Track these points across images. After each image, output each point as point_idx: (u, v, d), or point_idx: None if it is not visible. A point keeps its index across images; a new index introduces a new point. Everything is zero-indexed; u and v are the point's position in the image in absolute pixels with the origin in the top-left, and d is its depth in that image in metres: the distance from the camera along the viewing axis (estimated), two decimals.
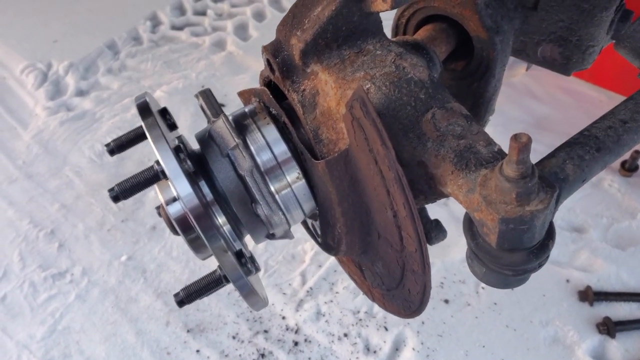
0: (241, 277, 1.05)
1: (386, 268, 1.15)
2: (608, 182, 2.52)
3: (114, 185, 1.06)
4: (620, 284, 2.20)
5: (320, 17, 1.01)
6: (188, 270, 2.41)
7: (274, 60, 1.06)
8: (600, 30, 1.34)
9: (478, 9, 1.25)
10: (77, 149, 2.95)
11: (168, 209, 1.09)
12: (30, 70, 3.39)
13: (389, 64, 1.02)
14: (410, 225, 0.93)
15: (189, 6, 3.79)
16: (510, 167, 0.80)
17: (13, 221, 2.66)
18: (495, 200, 0.84)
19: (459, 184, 0.90)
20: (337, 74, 1.02)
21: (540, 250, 0.90)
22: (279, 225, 1.13)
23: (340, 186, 1.02)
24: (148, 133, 1.03)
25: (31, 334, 2.27)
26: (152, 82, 3.27)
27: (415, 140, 0.95)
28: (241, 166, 1.07)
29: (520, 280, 0.96)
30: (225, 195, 1.10)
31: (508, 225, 0.83)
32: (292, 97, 1.07)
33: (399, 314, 1.23)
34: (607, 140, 1.03)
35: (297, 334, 2.19)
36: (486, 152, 0.92)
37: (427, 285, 1.03)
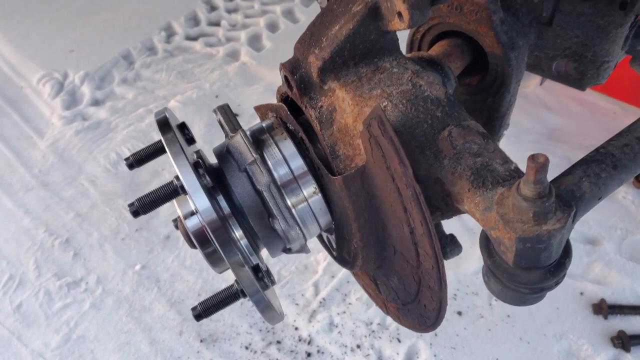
0: (258, 291, 1.06)
1: (402, 283, 1.15)
2: (622, 194, 2.51)
3: (134, 201, 1.08)
4: (635, 297, 2.18)
5: (338, 36, 1.02)
6: (201, 280, 2.42)
7: (292, 77, 1.07)
8: (615, 46, 1.34)
9: (493, 25, 1.26)
10: (92, 158, 2.98)
11: (186, 223, 1.10)
12: (46, 79, 3.44)
13: (405, 82, 1.02)
14: (427, 243, 0.93)
15: (203, 17, 3.83)
16: (528, 187, 0.81)
17: (29, 229, 2.69)
18: (513, 219, 0.84)
19: (476, 202, 0.90)
20: (354, 92, 1.03)
21: (557, 269, 0.90)
22: (295, 240, 1.14)
23: (356, 202, 1.03)
24: (168, 149, 1.04)
25: (46, 343, 2.30)
26: (166, 92, 3.30)
27: (432, 157, 0.96)
28: (259, 181, 1.08)
29: (537, 298, 0.96)
30: (242, 210, 1.11)
31: (525, 244, 0.83)
32: (309, 113, 1.08)
33: (413, 328, 1.23)
34: (623, 158, 1.03)
35: (310, 344, 2.19)
36: (503, 170, 0.92)
37: (444, 302, 1.03)
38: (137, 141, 3.02)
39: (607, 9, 1.29)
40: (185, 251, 2.53)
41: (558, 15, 1.35)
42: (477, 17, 1.26)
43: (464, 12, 1.27)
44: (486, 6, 1.23)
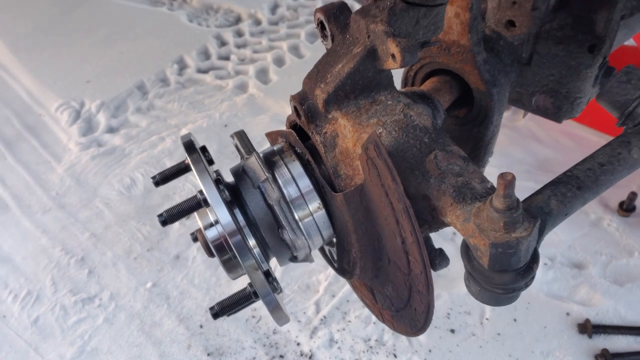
0: (269, 293, 1.22)
1: (395, 290, 1.30)
2: (607, 222, 2.66)
3: (163, 212, 1.24)
4: (618, 318, 2.31)
5: (341, 73, 1.19)
6: (209, 298, 2.56)
7: (301, 107, 1.24)
8: (586, 84, 1.52)
9: (477, 64, 1.43)
10: (107, 182, 3.15)
11: (206, 234, 1.27)
12: (64, 108, 3.63)
13: (398, 112, 1.19)
14: (416, 251, 1.09)
15: (214, 51, 4.03)
16: (499, 200, 0.96)
17: (46, 248, 2.84)
18: (487, 228, 0.99)
19: (457, 214, 1.06)
20: (354, 120, 1.20)
21: (526, 272, 1.05)
22: (301, 248, 1.30)
23: (355, 216, 1.19)
24: (194, 167, 1.21)
25: (61, 354, 2.43)
26: (178, 120, 3.48)
27: (420, 177, 1.12)
28: (270, 196, 1.24)
29: (510, 298, 1.11)
30: (255, 222, 1.27)
31: (497, 249, 0.99)
32: (315, 138, 1.24)
33: (406, 332, 1.37)
34: (587, 180, 1.19)
35: (311, 359, 2.32)
36: (480, 188, 1.08)
37: (431, 304, 1.18)
38: (149, 166, 3.19)
39: (577, 51, 1.47)
40: (194, 270, 2.67)
41: (536, 57, 1.53)
42: (463, 58, 1.44)
43: (451, 52, 1.45)
44: (471, 48, 1.41)
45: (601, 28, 1.44)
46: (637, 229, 2.62)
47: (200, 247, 2.69)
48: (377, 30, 1.13)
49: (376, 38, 1.14)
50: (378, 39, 1.14)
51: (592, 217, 2.69)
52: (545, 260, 2.51)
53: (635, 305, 2.35)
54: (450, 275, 2.51)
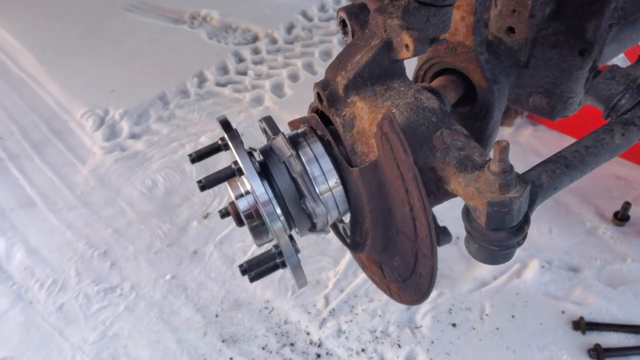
0: (293, 253, 1.37)
1: (402, 260, 1.44)
2: (602, 230, 2.81)
3: (202, 178, 1.41)
4: (610, 317, 2.45)
5: (360, 62, 1.36)
6: (224, 290, 2.71)
7: (324, 92, 1.40)
8: (577, 85, 1.70)
9: (480, 63, 1.61)
10: (129, 183, 3.32)
11: (237, 203, 1.43)
12: (89, 115, 3.83)
13: (409, 96, 1.36)
14: (422, 215, 1.23)
15: (232, 67, 4.24)
16: (495, 165, 1.13)
17: (71, 242, 3.01)
18: (485, 190, 1.16)
19: (459, 181, 1.22)
20: (370, 103, 1.36)
21: (519, 231, 1.21)
22: (320, 216, 1.43)
23: (369, 189, 1.34)
24: (230, 140, 1.37)
25: (84, 338, 2.58)
26: (197, 129, 3.68)
27: (428, 151, 1.28)
28: (294, 170, 1.39)
29: (505, 255, 1.26)
30: (281, 193, 1.42)
31: (493, 207, 1.14)
32: (335, 120, 1.41)
33: (411, 301, 1.50)
34: (574, 160, 1.36)
35: (320, 347, 2.46)
36: (480, 160, 1.25)
37: (434, 267, 1.31)
38: (170, 170, 3.37)
39: (569, 55, 1.66)
40: (210, 265, 2.83)
41: (532, 60, 1.71)
42: (467, 57, 1.62)
43: (457, 53, 1.63)
44: (474, 48, 1.59)
45: (591, 34, 1.62)
46: (630, 237, 2.77)
47: (217, 244, 2.86)
48: (393, 25, 1.30)
49: (392, 31, 1.32)
50: (394, 32, 1.31)
51: (589, 225, 2.84)
52: (543, 263, 2.65)
53: (626, 305, 2.49)
54: (452, 275, 2.67)
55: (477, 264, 2.68)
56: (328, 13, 4.75)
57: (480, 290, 2.59)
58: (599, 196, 2.98)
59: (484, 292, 2.58)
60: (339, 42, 4.37)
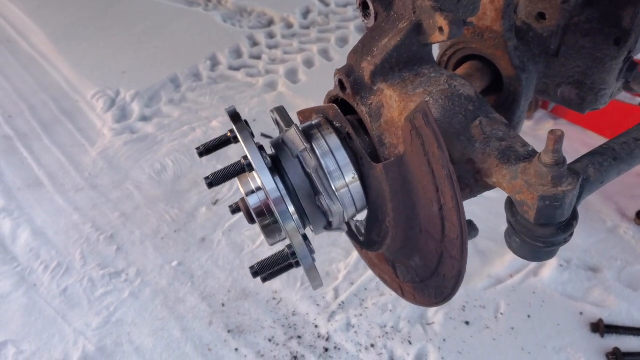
0: (307, 254, 1.26)
1: (423, 260, 1.34)
2: (624, 230, 2.71)
3: (209, 175, 1.30)
4: (631, 320, 2.36)
5: (387, 46, 1.26)
6: (232, 279, 2.65)
7: (347, 79, 1.29)
8: (610, 77, 1.60)
9: (508, 50, 1.52)
10: (138, 166, 3.26)
11: (248, 200, 1.32)
12: (100, 96, 3.77)
13: (442, 83, 1.25)
14: (455, 215, 1.13)
15: (246, 51, 4.16)
16: (548, 156, 1.03)
17: (77, 224, 2.96)
18: (535, 183, 1.06)
19: (503, 174, 1.12)
20: (400, 91, 1.25)
21: (567, 227, 1.12)
22: (336, 214, 1.32)
23: (393, 185, 1.23)
24: (239, 134, 1.26)
25: (87, 323, 2.52)
26: (209, 113, 3.60)
27: (466, 142, 1.18)
28: (309, 165, 1.28)
29: (549, 252, 1.17)
30: (294, 189, 1.32)
31: (545, 202, 1.05)
32: (360, 109, 1.30)
33: (429, 303, 1.40)
34: (622, 152, 1.27)
35: (328, 341, 2.39)
36: (523, 150, 1.15)
37: (463, 269, 1.20)
38: (180, 154, 3.30)
39: (603, 44, 1.55)
40: (218, 252, 2.76)
41: (563, 48, 1.61)
42: (495, 43, 1.53)
43: (484, 38, 1.54)
44: (503, 34, 1.50)
45: (627, 22, 1.51)
46: None
47: (226, 232, 2.79)
48: (425, 6, 1.21)
49: (422, 13, 1.22)
50: (424, 14, 1.21)
51: (609, 224, 2.75)
52: (561, 262, 2.56)
53: None
54: (467, 271, 2.55)
55: (492, 260, 2.60)
56: None
57: (496, 287, 2.51)
58: (620, 194, 2.88)
59: (499, 290, 2.49)
60: (356, 28, 4.27)
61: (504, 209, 1.19)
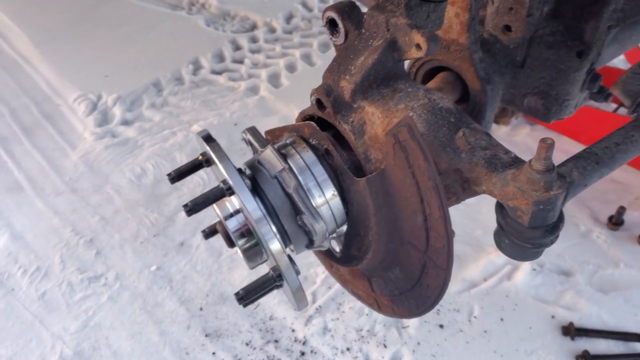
0: (294, 276, 1.24)
1: (404, 272, 1.35)
2: (596, 234, 2.76)
3: (188, 202, 1.25)
4: (601, 323, 2.41)
5: (365, 65, 1.27)
6: (210, 283, 2.67)
7: (327, 98, 1.30)
8: (574, 87, 1.65)
9: (473, 62, 1.56)
10: (118, 170, 3.27)
11: (227, 224, 1.30)
12: (82, 99, 3.77)
13: (421, 97, 1.28)
14: (441, 225, 1.15)
15: (228, 55, 4.18)
16: (539, 163, 1.09)
17: (57, 228, 2.97)
18: (528, 189, 1.12)
19: (493, 182, 1.17)
20: (382, 107, 1.27)
21: (554, 229, 1.19)
22: (319, 233, 1.31)
23: (376, 199, 1.25)
24: (216, 156, 1.24)
25: (65, 327, 2.54)
26: (190, 117, 3.62)
27: (452, 153, 1.22)
28: (288, 185, 1.28)
29: (536, 253, 1.24)
30: (274, 210, 1.30)
31: (539, 206, 1.11)
32: (343, 127, 1.31)
33: (409, 314, 1.42)
34: (604, 157, 1.33)
35: (305, 345, 2.42)
36: (506, 158, 1.20)
37: (448, 278, 1.23)
38: (160, 158, 3.32)
39: (567, 56, 1.60)
40: (197, 257, 2.78)
41: (529, 60, 1.66)
42: (461, 56, 1.56)
43: (450, 50, 1.58)
44: (468, 46, 1.54)
45: (589, 36, 1.56)
46: (624, 241, 2.73)
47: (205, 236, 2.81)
48: (399, 23, 1.23)
49: (397, 30, 1.24)
50: (399, 31, 1.23)
51: (582, 229, 2.80)
52: (534, 266, 2.61)
53: (617, 312, 2.45)
54: None
55: (467, 264, 2.64)
56: (328, 4, 4.67)
57: (470, 291, 2.55)
58: (594, 199, 2.93)
59: (473, 294, 2.54)
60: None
61: (495, 211, 1.24)
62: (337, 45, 1.38)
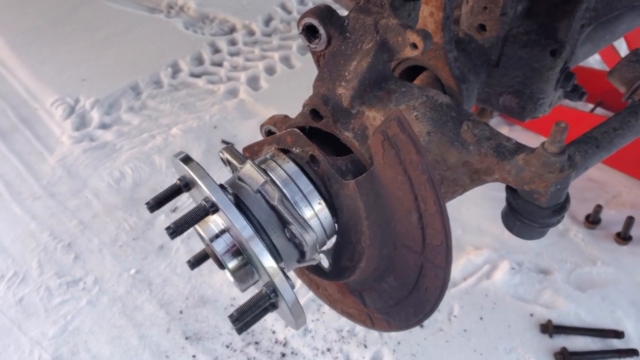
0: (290, 290, 1.19)
1: (398, 279, 1.30)
2: (574, 233, 2.80)
3: (171, 224, 1.19)
4: (578, 320, 2.44)
5: (359, 69, 1.25)
6: (190, 286, 2.65)
7: (326, 107, 1.27)
8: (548, 86, 1.67)
9: (448, 61, 1.57)
10: (97, 174, 3.25)
11: (213, 246, 1.23)
12: (59, 103, 3.74)
13: (418, 95, 1.27)
14: (438, 220, 1.12)
15: (207, 58, 4.17)
16: (554, 145, 1.11)
17: (34, 233, 2.93)
18: (544, 172, 1.13)
19: (507, 169, 1.17)
20: (383, 110, 1.26)
21: (562, 209, 1.23)
22: (310, 242, 1.27)
23: (367, 201, 1.22)
24: (196, 175, 1.19)
25: (44, 332, 2.50)
26: (169, 120, 3.60)
27: (460, 146, 1.22)
28: (272, 197, 1.23)
29: (542, 232, 1.28)
30: (261, 225, 1.25)
31: (557, 187, 1.14)
32: (345, 135, 1.28)
33: (407, 324, 1.35)
34: (603, 141, 1.38)
35: (285, 346, 2.42)
36: (510, 145, 1.21)
37: (447, 277, 1.19)
38: (139, 162, 3.29)
39: (540, 54, 1.62)
40: (177, 260, 2.77)
41: (503, 59, 1.67)
42: (436, 54, 1.57)
43: None
44: (443, 46, 1.55)
45: (562, 34, 1.58)
46: (601, 240, 2.76)
47: (184, 239, 2.80)
48: (390, 24, 1.22)
49: (388, 32, 1.23)
50: (391, 32, 1.22)
51: (560, 227, 2.83)
52: (513, 265, 2.64)
53: (594, 309, 2.48)
54: None
55: None
56: (308, 6, 4.69)
57: (449, 291, 2.56)
58: (571, 197, 2.96)
59: (452, 293, 2.55)
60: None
61: (505, 191, 1.28)
62: (317, 51, 1.35)
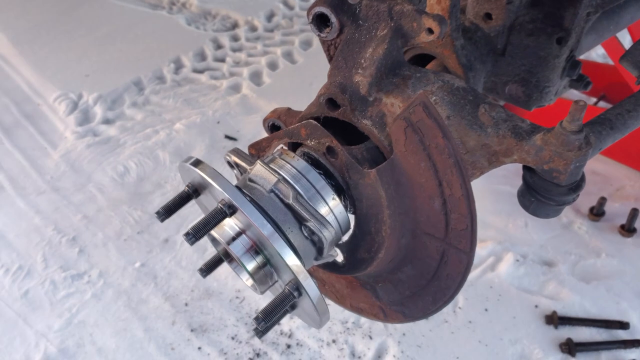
0: (314, 287, 1.18)
1: (417, 268, 1.30)
2: (578, 225, 2.80)
3: (189, 230, 1.18)
4: (583, 311, 2.44)
5: (375, 56, 1.24)
6: (195, 279, 2.66)
7: (344, 96, 1.26)
8: (554, 74, 1.67)
9: (455, 49, 1.57)
10: (100, 169, 3.25)
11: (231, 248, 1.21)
12: (62, 99, 3.74)
13: (434, 80, 1.27)
14: (464, 204, 1.14)
15: (210, 53, 4.17)
16: (573, 124, 1.12)
17: (39, 227, 2.93)
18: (564, 150, 1.14)
19: (526, 149, 1.18)
20: (401, 96, 1.25)
21: (577, 187, 1.23)
22: (328, 238, 1.25)
23: (388, 190, 1.21)
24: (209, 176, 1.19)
25: (49, 325, 2.51)
26: (172, 116, 3.61)
27: (479, 129, 1.22)
28: (286, 196, 1.22)
29: (557, 210, 1.28)
30: (278, 225, 1.23)
31: (576, 164, 1.15)
32: (363, 123, 1.27)
33: (423, 314, 1.36)
34: (617, 122, 1.40)
35: (290, 338, 2.42)
36: (525, 125, 1.21)
37: (470, 261, 1.20)
38: (143, 157, 3.30)
39: (546, 43, 1.62)
40: (182, 253, 2.77)
41: (509, 47, 1.68)
42: (443, 43, 1.57)
43: None
44: (450, 34, 1.55)
45: (568, 22, 1.58)
46: (605, 232, 2.77)
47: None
48: (406, 10, 1.21)
49: (403, 17, 1.22)
50: (406, 18, 1.21)
51: (564, 220, 2.83)
52: (518, 257, 2.64)
53: (599, 300, 2.48)
54: None
55: None
56: (310, 2, 4.69)
57: None
58: None
59: None
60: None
61: (522, 175, 1.28)
62: (328, 40, 1.34)
